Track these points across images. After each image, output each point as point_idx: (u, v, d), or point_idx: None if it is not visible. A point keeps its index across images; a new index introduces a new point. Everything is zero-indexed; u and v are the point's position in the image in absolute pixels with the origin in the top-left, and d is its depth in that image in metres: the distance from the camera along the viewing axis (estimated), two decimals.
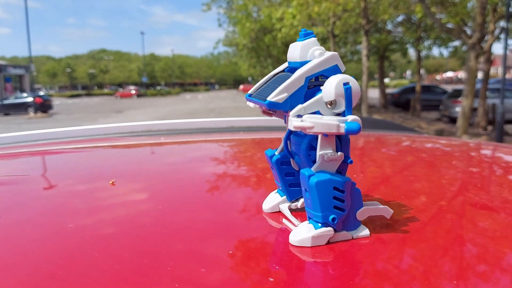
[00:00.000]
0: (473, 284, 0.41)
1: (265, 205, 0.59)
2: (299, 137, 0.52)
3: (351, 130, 0.45)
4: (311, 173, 0.47)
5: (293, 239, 0.47)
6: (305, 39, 0.49)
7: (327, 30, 13.44)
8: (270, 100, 0.46)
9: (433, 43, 19.48)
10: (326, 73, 0.48)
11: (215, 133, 1.61)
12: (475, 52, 8.11)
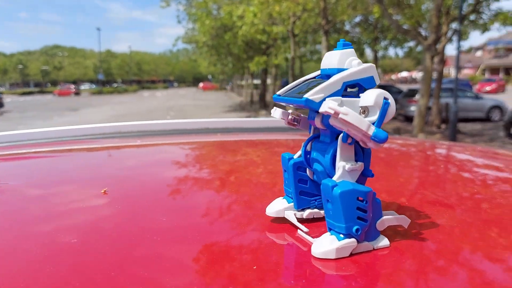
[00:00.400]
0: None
1: (270, 208, 0.58)
2: (324, 144, 0.53)
3: (378, 136, 0.45)
4: (334, 184, 0.47)
5: (316, 251, 0.46)
6: (344, 48, 0.50)
7: (287, 29, 13.51)
8: (308, 98, 0.46)
9: (389, 44, 20.06)
10: (362, 83, 0.49)
11: (181, 135, 1.54)
12: (431, 53, 8.39)
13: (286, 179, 0.58)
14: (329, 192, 0.47)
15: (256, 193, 0.73)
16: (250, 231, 0.55)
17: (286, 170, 0.57)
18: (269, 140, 1.38)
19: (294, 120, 0.57)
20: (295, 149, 1.22)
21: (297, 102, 0.49)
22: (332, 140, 0.52)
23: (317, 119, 0.52)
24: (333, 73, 0.50)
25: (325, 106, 0.44)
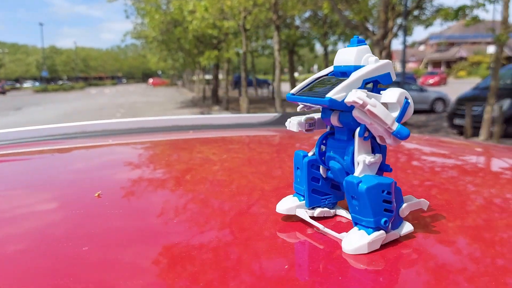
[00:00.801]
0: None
1: (281, 206, 0.57)
2: (341, 141, 0.53)
3: (401, 132, 0.46)
4: (359, 180, 0.47)
5: (348, 248, 0.47)
6: (359, 45, 0.50)
7: (238, 24, 13.48)
8: (332, 97, 0.46)
9: (338, 39, 20.46)
10: (380, 79, 0.49)
11: (131, 134, 1.48)
12: (380, 47, 8.65)
13: (298, 177, 0.58)
14: (354, 189, 0.47)
15: (212, 191, 0.72)
16: (208, 230, 0.54)
17: (300, 168, 0.57)
18: (224, 137, 1.36)
19: (310, 126, 0.56)
20: (250, 146, 1.21)
21: (318, 102, 0.48)
22: (349, 137, 0.52)
23: (334, 117, 0.52)
24: (349, 70, 0.50)
25: (353, 96, 0.44)
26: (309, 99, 0.50)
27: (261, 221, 0.57)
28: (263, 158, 1.01)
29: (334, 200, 0.58)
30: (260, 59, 41.21)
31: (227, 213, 0.60)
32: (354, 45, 0.51)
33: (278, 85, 12.65)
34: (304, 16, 19.00)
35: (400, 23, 10.71)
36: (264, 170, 0.87)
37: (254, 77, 28.85)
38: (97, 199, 0.68)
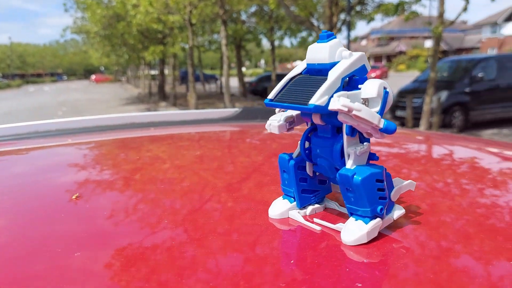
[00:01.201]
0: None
1: (273, 211, 0.57)
2: (326, 139, 0.53)
3: (388, 128, 0.47)
4: (353, 172, 0.47)
5: (348, 239, 0.47)
6: (329, 40, 0.49)
7: (184, 18, 13.27)
8: (316, 104, 0.45)
9: (284, 34, 20.66)
10: (356, 73, 0.49)
11: (75, 134, 1.42)
12: None
13: (285, 179, 0.57)
14: (349, 182, 0.47)
15: (163, 189, 0.71)
16: (160, 230, 0.54)
17: (286, 171, 0.57)
18: (172, 134, 1.33)
19: (290, 124, 0.55)
20: (200, 142, 1.20)
21: (302, 109, 0.47)
22: (333, 133, 0.52)
23: (316, 116, 0.51)
24: (325, 67, 0.49)
25: (337, 104, 0.43)
26: (291, 106, 0.49)
27: (215, 218, 0.57)
28: (215, 154, 1.00)
29: (323, 195, 0.59)
30: (207, 54, 40.84)
31: (179, 212, 0.59)
32: (325, 41, 0.50)
33: (227, 80, 12.60)
34: (250, 10, 19.02)
35: (344, 18, 10.98)
36: (216, 167, 0.87)
37: (201, 72, 28.58)
38: (40, 204, 0.65)
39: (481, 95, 9.74)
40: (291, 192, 0.57)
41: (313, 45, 0.51)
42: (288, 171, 0.56)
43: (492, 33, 48.82)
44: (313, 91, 0.46)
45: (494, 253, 0.46)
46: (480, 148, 1.09)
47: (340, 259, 0.44)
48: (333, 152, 0.51)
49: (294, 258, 0.46)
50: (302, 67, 0.53)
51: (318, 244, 0.49)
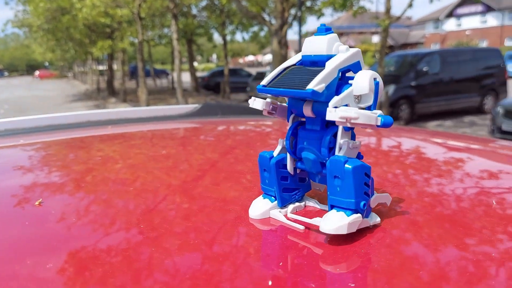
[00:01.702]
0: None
1: (254, 211, 0.55)
2: (315, 132, 0.52)
3: (386, 123, 0.46)
4: (346, 159, 0.47)
5: (328, 227, 0.46)
6: (327, 33, 0.49)
7: (132, 12, 12.93)
8: (313, 89, 0.45)
9: (236, 28, 20.62)
10: (351, 68, 0.49)
11: (19, 135, 1.34)
12: (278, 37, 8.88)
13: (266, 178, 0.56)
14: (340, 168, 0.47)
15: (115, 190, 0.69)
16: (114, 231, 0.52)
17: (267, 170, 0.55)
18: (126, 132, 1.29)
19: (273, 109, 0.54)
20: (155, 141, 1.17)
21: (299, 93, 0.47)
22: (323, 126, 0.51)
23: (307, 107, 0.51)
24: (321, 59, 0.49)
25: (335, 117, 0.44)
26: (286, 91, 0.48)
27: (171, 218, 0.56)
28: (170, 152, 0.98)
29: (303, 193, 0.58)
30: (157, 49, 40.04)
31: (133, 212, 0.58)
32: (323, 34, 0.50)
33: (179, 75, 12.42)
34: (201, 4, 18.81)
35: (295, 13, 11.10)
36: (170, 165, 0.85)
37: (152, 67, 28.03)
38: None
39: (426, 89, 10.17)
40: (272, 191, 0.56)
41: (310, 37, 0.51)
42: (269, 170, 0.55)
43: (435, 29, 51.04)
44: (310, 78, 0.46)
45: (442, 240, 0.48)
46: (426, 139, 1.13)
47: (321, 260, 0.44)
48: (322, 144, 0.51)
49: (254, 255, 0.46)
50: (296, 58, 0.53)
51: (276, 239, 0.49)
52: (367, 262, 0.44)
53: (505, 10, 43.69)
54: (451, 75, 10.53)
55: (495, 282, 0.40)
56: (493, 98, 11.05)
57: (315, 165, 0.52)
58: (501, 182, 0.74)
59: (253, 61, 69.58)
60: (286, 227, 0.53)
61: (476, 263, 0.43)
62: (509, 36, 44.01)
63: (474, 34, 46.43)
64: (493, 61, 11.08)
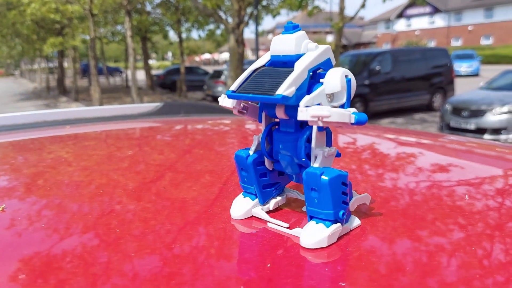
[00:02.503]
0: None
1: (236, 211, 0.54)
2: (289, 134, 0.51)
3: (360, 120, 0.45)
4: (322, 171, 0.46)
5: (308, 242, 0.46)
6: (295, 31, 0.48)
7: (84, 8, 12.52)
8: (283, 94, 0.43)
9: (192, 26, 20.40)
10: (322, 66, 0.48)
11: None
12: (235, 35, 8.85)
13: (244, 177, 0.55)
14: (316, 181, 0.46)
15: (69, 194, 0.67)
16: (69, 236, 0.51)
17: (244, 169, 0.54)
18: (79, 133, 1.24)
19: (243, 108, 0.53)
20: (108, 141, 1.14)
21: (269, 99, 0.45)
22: (297, 128, 0.50)
23: (279, 109, 0.49)
24: (291, 59, 0.47)
25: (307, 116, 0.43)
26: (256, 96, 0.46)
27: (128, 220, 0.55)
28: (127, 153, 0.96)
29: (283, 185, 0.57)
30: (110, 46, 38.97)
31: (89, 216, 0.56)
32: (290, 32, 0.48)
33: (133, 73, 12.15)
34: (155, 1, 18.50)
35: (251, 12, 11.11)
36: (127, 166, 0.83)
37: (105, 65, 27.29)
38: None
39: (379, 87, 10.47)
40: (251, 189, 0.55)
41: (277, 36, 0.49)
42: (247, 169, 0.54)
43: (386, 29, 52.64)
44: (279, 82, 0.45)
45: (396, 233, 0.50)
46: (379, 135, 1.17)
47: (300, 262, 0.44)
48: (297, 147, 0.50)
49: (216, 255, 0.45)
50: (265, 59, 0.51)
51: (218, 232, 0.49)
52: (324, 256, 0.45)
53: (451, 11, 45.75)
54: (402, 74, 10.90)
55: (448, 272, 0.41)
56: (441, 96, 11.53)
57: (292, 167, 0.52)
58: (451, 175, 0.78)
59: (210, 59, 69.16)
60: (247, 225, 0.52)
61: (429, 254, 0.45)
62: (455, 36, 46.12)
63: (423, 34, 48.35)
64: (441, 61, 11.56)
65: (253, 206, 0.55)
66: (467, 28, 44.77)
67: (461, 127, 7.40)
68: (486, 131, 7.09)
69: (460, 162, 0.89)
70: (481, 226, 0.52)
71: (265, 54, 0.52)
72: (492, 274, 0.41)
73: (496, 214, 0.57)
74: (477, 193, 0.66)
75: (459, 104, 7.59)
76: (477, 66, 25.57)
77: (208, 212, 0.57)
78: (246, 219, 0.54)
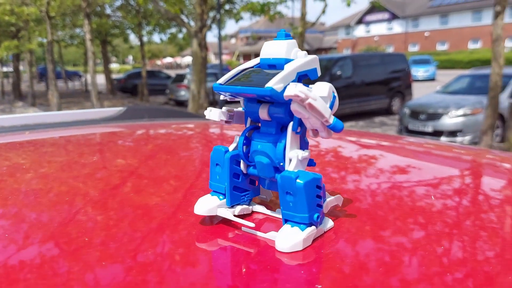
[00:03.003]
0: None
1: (200, 207, 0.53)
2: (269, 135, 0.51)
3: (337, 125, 0.47)
4: (297, 175, 0.46)
5: (283, 246, 0.45)
6: (287, 39, 0.50)
7: (40, 10, 12.13)
8: (273, 87, 0.44)
9: (153, 30, 20.14)
10: (309, 74, 0.49)
11: None
12: (198, 39, 8.81)
13: (217, 174, 0.54)
14: (291, 184, 0.46)
15: (27, 202, 0.64)
16: (28, 246, 0.49)
17: (220, 164, 0.53)
18: (36, 140, 1.19)
19: (230, 117, 0.53)
20: (69, 148, 1.10)
21: (257, 91, 0.46)
22: (278, 131, 0.50)
23: (263, 110, 0.49)
24: (280, 62, 0.48)
25: (295, 90, 0.42)
26: (244, 88, 0.47)
27: (89, 229, 0.53)
28: (88, 159, 0.93)
29: (251, 196, 0.56)
30: (68, 49, 37.88)
31: (48, 225, 0.54)
32: (283, 38, 0.50)
33: (93, 77, 11.86)
34: (116, 4, 18.15)
35: (214, 16, 11.10)
36: (87, 173, 0.81)
37: (63, 69, 26.53)
38: None
39: (340, 92, 10.56)
40: (222, 188, 0.54)
41: (269, 41, 0.51)
42: (223, 165, 0.53)
43: (346, 35, 53.79)
44: (268, 79, 0.46)
45: (359, 234, 0.51)
46: (341, 138, 1.18)
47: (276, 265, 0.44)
48: (276, 149, 0.50)
49: (181, 262, 0.44)
50: (254, 61, 0.52)
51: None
52: (299, 259, 0.45)
53: (408, 18, 47.29)
54: (362, 78, 11.15)
55: (410, 270, 0.42)
56: (400, 99, 11.88)
57: (268, 170, 0.51)
58: (411, 176, 0.80)
59: (172, 63, 68.40)
60: (218, 230, 0.52)
61: (392, 253, 0.46)
62: (412, 42, 47.69)
63: (382, 40, 49.73)
64: (399, 65, 11.92)
65: (219, 206, 0.54)
66: (424, 34, 46.38)
67: (419, 129, 7.64)
68: (443, 133, 7.36)
69: (419, 163, 0.92)
70: (440, 224, 0.54)
71: (255, 58, 0.53)
72: (451, 271, 0.42)
73: (454, 212, 0.59)
74: (435, 192, 0.68)
75: (417, 107, 7.84)
76: (433, 71, 26.53)
77: (173, 218, 0.56)
78: (216, 225, 0.53)
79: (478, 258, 0.46)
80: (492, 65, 5.82)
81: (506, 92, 7.44)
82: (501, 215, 0.59)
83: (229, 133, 1.23)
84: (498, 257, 0.46)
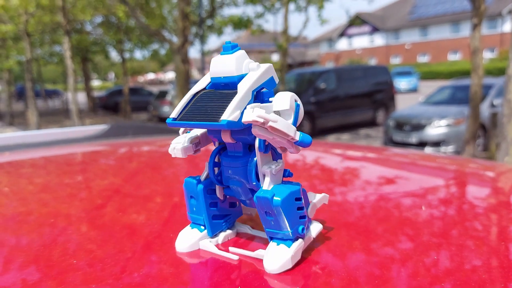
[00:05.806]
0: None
1: (182, 244, 0.49)
2: (238, 158, 0.48)
3: (304, 140, 0.44)
4: (272, 194, 0.44)
5: (272, 267, 0.44)
6: (234, 51, 0.46)
7: (18, 28, 11.98)
8: (228, 120, 0.41)
9: (134, 46, 20.09)
10: (265, 85, 0.46)
11: None
12: (181, 55, 8.78)
13: (193, 206, 0.50)
14: (268, 205, 0.44)
15: (7, 226, 0.60)
16: (9, 270, 0.46)
17: (194, 196, 0.49)
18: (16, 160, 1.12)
19: (197, 146, 0.49)
20: (50, 168, 1.03)
21: (213, 126, 0.42)
22: (245, 152, 0.47)
23: (225, 134, 0.46)
24: (233, 81, 0.45)
25: (252, 115, 0.38)
26: (199, 124, 0.43)
27: (71, 251, 0.49)
28: (70, 179, 0.89)
29: (234, 219, 0.54)
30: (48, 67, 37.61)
31: (29, 249, 0.50)
32: (229, 52, 0.46)
33: (74, 95, 11.70)
34: (96, 21, 18.08)
35: (196, 32, 11.11)
36: (69, 194, 0.77)
37: (43, 88, 26.26)
38: None
39: (324, 104, 10.73)
40: (200, 219, 0.50)
41: (217, 57, 0.46)
42: (197, 197, 0.50)
43: (329, 48, 54.69)
44: (223, 106, 0.42)
45: (346, 245, 0.50)
46: (327, 150, 1.19)
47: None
48: (247, 171, 0.47)
49: (170, 284, 0.41)
50: (205, 81, 0.48)
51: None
52: (280, 280, 0.43)
53: (389, 30, 48.32)
54: (346, 91, 11.25)
55: (400, 282, 0.42)
56: (383, 111, 12.00)
57: (244, 193, 0.49)
58: (397, 186, 0.82)
59: (154, 79, 68.46)
60: (205, 251, 0.49)
61: (381, 265, 0.45)
62: (394, 54, 48.64)
63: (364, 52, 50.64)
64: (382, 78, 12.07)
65: (201, 238, 0.51)
66: (405, 46, 47.42)
67: (403, 141, 7.69)
68: (427, 144, 7.41)
69: (405, 174, 0.94)
70: (427, 235, 0.54)
71: (205, 76, 0.49)
72: (440, 280, 0.42)
73: (441, 222, 0.60)
74: (422, 202, 0.70)
75: (401, 119, 7.91)
76: (415, 83, 27.04)
77: (160, 238, 0.53)
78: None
79: (466, 267, 0.46)
80: (472, 76, 5.92)
81: (486, 102, 7.56)
82: (487, 223, 0.61)
83: (211, 147, 1.18)
84: (486, 265, 0.46)
